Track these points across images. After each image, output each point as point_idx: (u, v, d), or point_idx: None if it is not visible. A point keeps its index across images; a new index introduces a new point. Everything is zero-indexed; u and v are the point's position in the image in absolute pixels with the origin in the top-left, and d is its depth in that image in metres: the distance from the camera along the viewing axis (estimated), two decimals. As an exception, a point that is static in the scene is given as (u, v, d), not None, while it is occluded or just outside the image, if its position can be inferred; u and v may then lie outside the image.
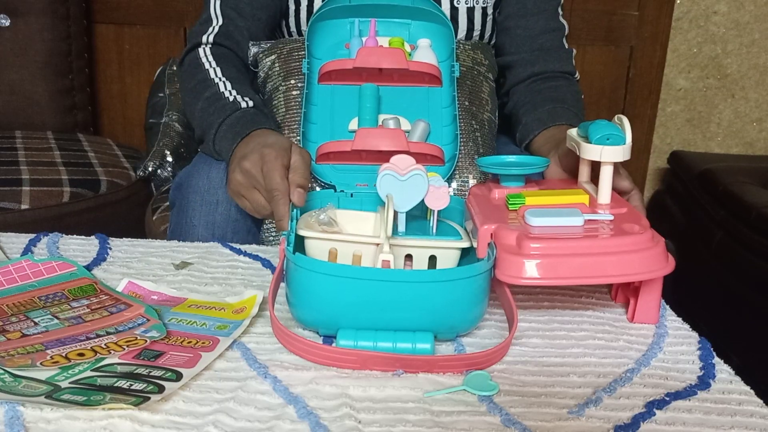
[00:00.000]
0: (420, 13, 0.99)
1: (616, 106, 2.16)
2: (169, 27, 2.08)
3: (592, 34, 2.10)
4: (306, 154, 0.89)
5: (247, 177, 0.87)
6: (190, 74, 1.10)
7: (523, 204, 0.79)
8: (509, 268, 0.69)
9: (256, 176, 0.86)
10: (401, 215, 0.77)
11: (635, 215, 0.77)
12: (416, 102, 0.99)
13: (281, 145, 0.88)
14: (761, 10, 2.10)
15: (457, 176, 1.02)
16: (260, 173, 0.86)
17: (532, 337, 0.73)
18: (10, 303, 0.73)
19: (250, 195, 0.88)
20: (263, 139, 0.91)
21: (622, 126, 0.79)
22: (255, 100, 1.02)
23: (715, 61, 2.15)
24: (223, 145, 0.98)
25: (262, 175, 0.86)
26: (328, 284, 0.67)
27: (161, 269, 0.86)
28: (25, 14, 1.84)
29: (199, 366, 0.64)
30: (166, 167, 1.71)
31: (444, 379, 0.65)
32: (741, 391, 0.65)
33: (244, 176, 0.88)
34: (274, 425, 0.58)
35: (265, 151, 0.86)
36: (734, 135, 2.21)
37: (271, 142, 0.89)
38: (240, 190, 0.89)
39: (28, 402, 0.57)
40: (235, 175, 0.89)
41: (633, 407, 0.62)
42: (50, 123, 1.90)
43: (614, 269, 0.69)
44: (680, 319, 0.79)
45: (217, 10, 1.14)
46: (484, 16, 1.17)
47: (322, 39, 1.00)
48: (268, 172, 0.85)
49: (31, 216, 1.49)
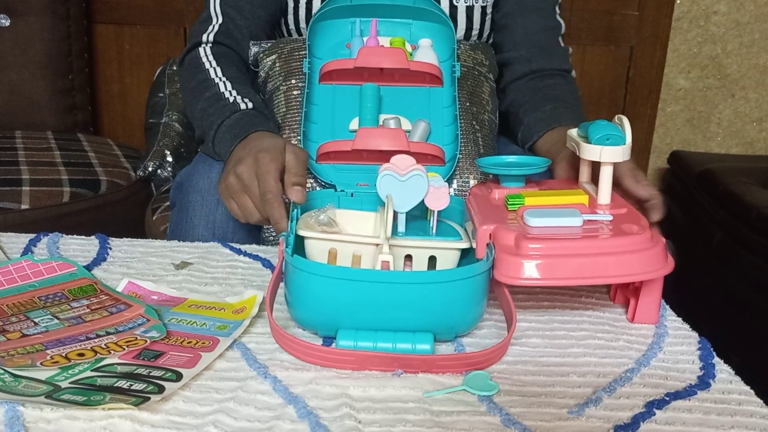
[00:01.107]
0: (421, 13, 0.99)
1: (616, 106, 2.16)
2: (169, 27, 2.08)
3: (592, 34, 2.10)
4: (301, 152, 0.89)
5: (240, 181, 0.87)
6: (191, 74, 1.10)
7: (522, 204, 0.79)
8: (508, 269, 0.69)
9: (248, 181, 0.86)
10: (401, 215, 0.77)
11: (635, 215, 0.77)
12: (417, 102, 0.99)
13: (276, 148, 0.88)
14: (761, 10, 2.10)
15: (457, 176, 1.02)
16: (253, 178, 0.86)
17: (532, 337, 0.73)
18: (10, 303, 0.73)
19: (240, 199, 0.88)
20: (259, 142, 0.91)
21: (622, 126, 0.79)
22: (255, 101, 1.02)
23: (715, 61, 2.15)
24: (222, 147, 0.98)
25: (255, 180, 0.86)
26: (327, 287, 0.67)
27: (161, 269, 0.86)
28: (25, 14, 1.84)
29: (199, 366, 0.64)
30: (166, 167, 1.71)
31: (444, 379, 0.65)
32: (741, 391, 0.65)
33: (237, 180, 0.88)
34: (274, 425, 0.58)
35: (259, 156, 0.86)
36: (734, 135, 2.21)
37: (266, 146, 0.89)
38: (231, 193, 0.89)
39: (28, 402, 0.57)
40: (229, 178, 0.89)
41: (633, 407, 0.62)
42: (50, 123, 1.90)
43: (613, 270, 0.69)
44: (680, 319, 0.79)
45: (217, 9, 1.14)
46: (483, 15, 1.17)
47: (323, 38, 1.00)
48: (262, 176, 0.85)
49: (31, 216, 1.49)
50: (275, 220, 0.84)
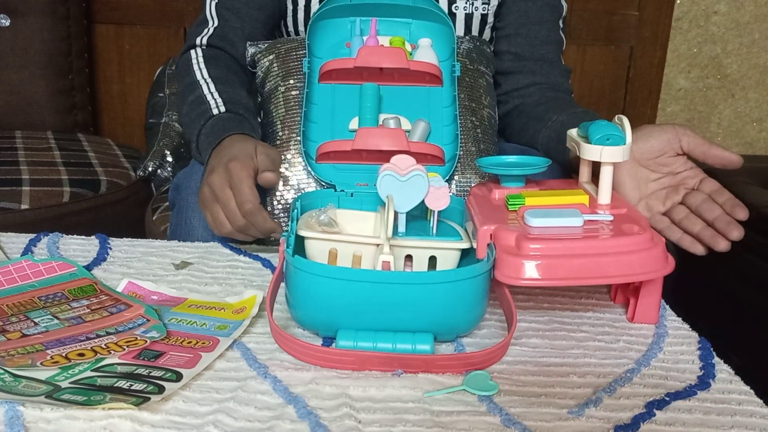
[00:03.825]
0: (421, 13, 0.99)
1: (616, 106, 2.16)
2: (169, 27, 2.08)
3: (592, 34, 2.10)
4: (273, 152, 0.91)
5: (212, 191, 0.87)
6: (181, 77, 1.10)
7: (522, 204, 0.79)
8: (508, 269, 0.69)
9: (219, 191, 0.86)
10: (401, 216, 0.77)
11: (635, 215, 0.77)
12: (417, 102, 0.98)
13: (246, 154, 0.88)
14: (761, 10, 2.10)
15: (457, 176, 1.02)
16: (224, 188, 0.86)
17: (532, 338, 0.73)
18: (10, 303, 0.73)
19: (212, 209, 0.88)
20: (229, 150, 0.91)
21: (622, 126, 0.79)
22: (232, 101, 1.01)
23: (715, 61, 2.15)
24: (203, 156, 0.98)
25: (227, 190, 0.86)
26: (328, 287, 0.67)
27: (161, 269, 0.86)
28: (25, 14, 1.84)
29: (199, 366, 0.64)
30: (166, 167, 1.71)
31: (444, 379, 0.65)
32: (741, 391, 0.65)
33: (210, 190, 0.88)
34: (274, 425, 0.58)
35: (230, 165, 0.87)
36: (734, 135, 2.21)
37: (235, 153, 0.89)
38: (205, 204, 0.89)
39: (28, 402, 0.57)
40: (203, 189, 0.89)
41: (633, 407, 0.62)
42: (50, 123, 1.90)
43: (614, 270, 0.69)
44: (680, 319, 0.79)
45: (213, 11, 1.13)
46: (483, 23, 1.16)
47: (322, 38, 1.00)
48: (236, 185, 0.85)
49: (31, 216, 1.49)
50: (260, 225, 0.84)
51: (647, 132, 0.88)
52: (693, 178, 0.88)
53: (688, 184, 0.88)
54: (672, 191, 0.89)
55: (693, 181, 0.88)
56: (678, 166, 0.89)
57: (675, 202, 0.88)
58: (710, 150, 0.86)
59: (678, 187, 0.89)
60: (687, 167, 0.89)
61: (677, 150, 0.87)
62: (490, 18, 1.16)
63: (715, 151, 0.86)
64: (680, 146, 0.87)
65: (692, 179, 0.88)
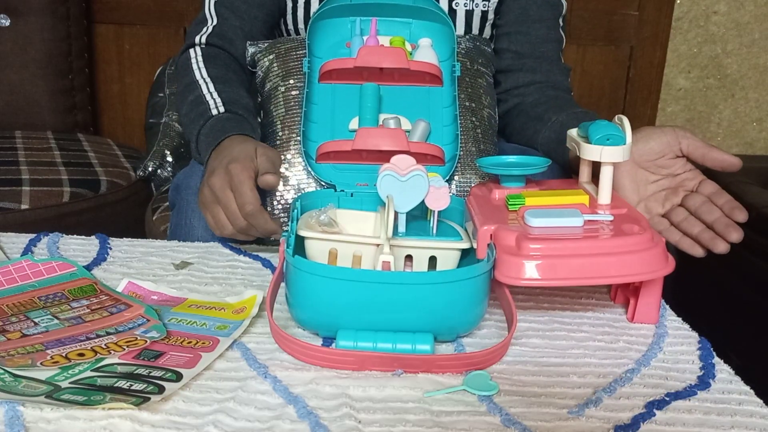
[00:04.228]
0: (421, 13, 0.99)
1: (616, 106, 2.16)
2: (169, 27, 2.08)
3: (592, 34, 2.10)
4: (273, 153, 0.90)
5: (213, 193, 0.87)
6: (180, 76, 1.10)
7: (522, 204, 0.79)
8: (509, 269, 0.69)
9: (220, 193, 0.86)
10: (401, 216, 0.77)
11: (635, 215, 0.77)
12: (417, 102, 0.98)
13: (246, 155, 0.88)
14: (761, 10, 2.10)
15: (457, 176, 1.02)
16: (225, 189, 0.86)
17: (532, 338, 0.73)
18: (10, 303, 0.73)
19: (213, 211, 0.88)
20: (229, 151, 0.91)
21: (622, 126, 0.79)
22: (231, 100, 1.01)
23: (715, 61, 2.15)
24: (203, 157, 0.98)
25: (228, 192, 0.86)
26: (328, 287, 0.67)
27: (161, 269, 0.86)
28: (25, 14, 1.84)
29: (199, 366, 0.64)
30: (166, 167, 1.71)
31: (444, 379, 0.65)
32: (741, 391, 0.65)
33: (210, 192, 0.88)
34: (274, 425, 0.58)
35: (230, 167, 0.86)
36: (734, 135, 2.21)
37: (236, 155, 0.89)
38: (205, 206, 0.89)
39: (28, 402, 0.57)
40: (203, 190, 0.89)
41: (633, 407, 0.62)
42: (50, 123, 1.90)
43: (614, 270, 0.69)
44: (680, 319, 0.79)
45: (212, 10, 1.13)
46: (483, 20, 1.16)
47: (322, 38, 1.00)
48: (236, 187, 0.85)
49: (31, 216, 1.49)
50: (261, 227, 0.84)
51: (647, 134, 0.88)
52: (692, 180, 0.88)
53: (688, 186, 0.88)
54: (671, 193, 0.89)
55: (692, 183, 0.88)
56: (677, 168, 0.89)
57: (674, 204, 0.88)
58: (709, 152, 0.86)
59: (677, 189, 0.89)
60: (686, 169, 0.89)
61: (677, 152, 0.87)
62: (491, 15, 1.16)
63: (714, 153, 0.86)
64: (680, 148, 0.87)
65: (691, 181, 0.88)
